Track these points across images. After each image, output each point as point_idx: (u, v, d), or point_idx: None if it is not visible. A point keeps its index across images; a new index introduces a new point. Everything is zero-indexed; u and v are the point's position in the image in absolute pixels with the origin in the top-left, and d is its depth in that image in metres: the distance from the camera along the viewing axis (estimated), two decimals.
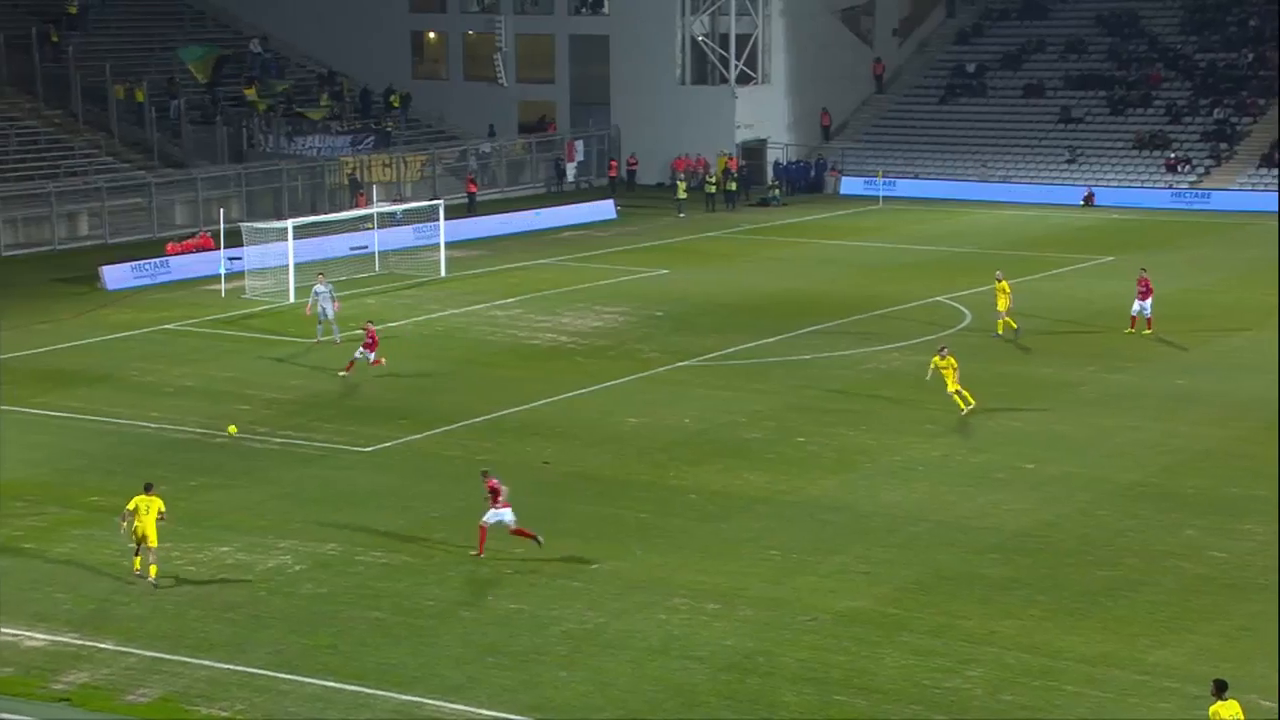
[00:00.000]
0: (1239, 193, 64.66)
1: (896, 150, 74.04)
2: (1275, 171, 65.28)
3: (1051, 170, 70.07)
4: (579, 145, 74.10)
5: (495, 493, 25.13)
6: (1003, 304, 40.22)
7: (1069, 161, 70.01)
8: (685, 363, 38.75)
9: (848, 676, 21.00)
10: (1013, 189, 68.84)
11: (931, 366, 33.48)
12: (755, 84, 73.95)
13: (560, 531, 26.47)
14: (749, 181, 70.72)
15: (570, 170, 73.59)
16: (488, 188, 69.85)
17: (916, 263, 52.78)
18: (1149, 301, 39.89)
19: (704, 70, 74.69)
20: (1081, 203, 66.63)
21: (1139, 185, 67.70)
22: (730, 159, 71.24)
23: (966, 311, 44.04)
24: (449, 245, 52.58)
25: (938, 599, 23.39)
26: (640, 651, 21.81)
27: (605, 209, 65.81)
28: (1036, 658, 21.42)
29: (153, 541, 24.12)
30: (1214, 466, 29.44)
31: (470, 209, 65.05)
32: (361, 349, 36.82)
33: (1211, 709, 17.22)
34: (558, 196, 70.48)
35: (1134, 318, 39.92)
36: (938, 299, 45.73)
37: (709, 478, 29.41)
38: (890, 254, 55.03)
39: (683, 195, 66.22)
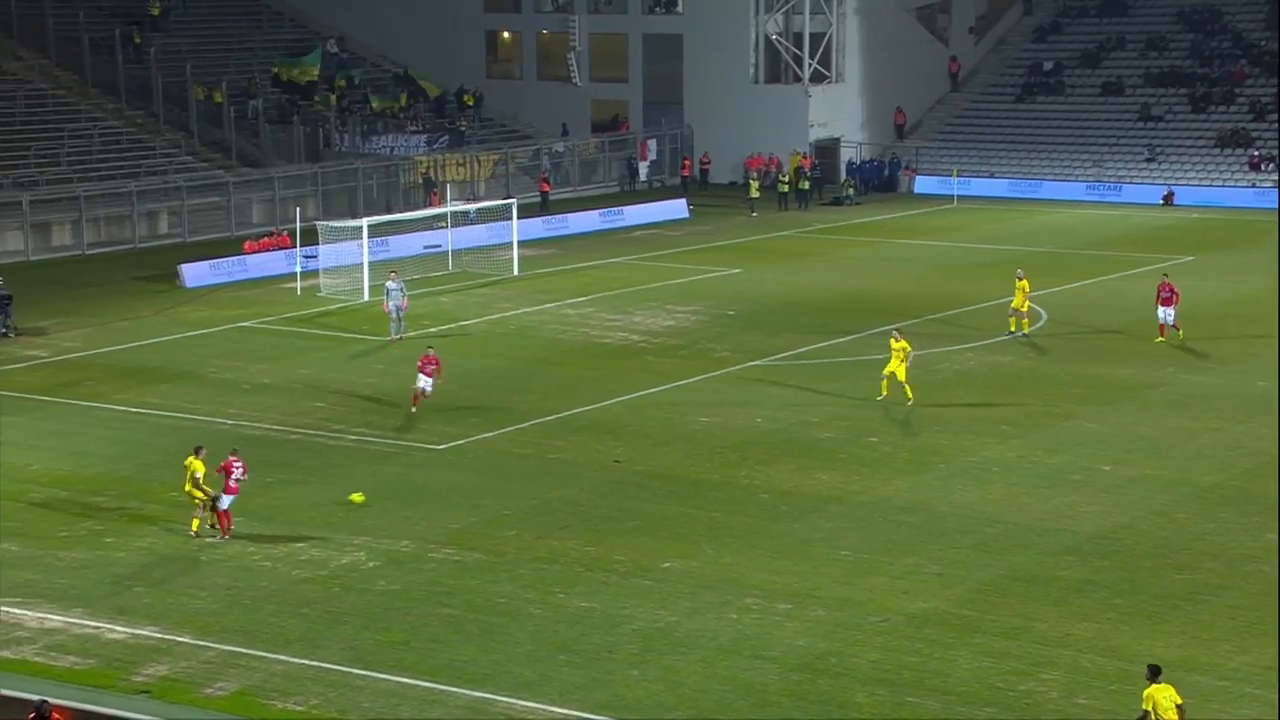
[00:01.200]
0: None
1: (971, 149, 73.44)
2: None
3: (1131, 169, 69.19)
4: (652, 144, 74.18)
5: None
6: (1019, 302, 39.67)
7: (1148, 160, 69.11)
8: (757, 362, 38.68)
9: (920, 678, 20.88)
10: (1091, 188, 68.06)
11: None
12: (829, 82, 73.66)
13: (631, 530, 26.54)
14: (822, 181, 70.43)
15: (643, 169, 73.68)
16: (561, 187, 70.08)
17: (991, 262, 52.31)
18: (1173, 308, 38.69)
19: (777, 69, 74.50)
20: (1161, 202, 65.76)
21: (1220, 184, 66.72)
22: (804, 158, 71.01)
23: (1042, 311, 43.61)
24: (521, 244, 52.84)
25: (1012, 601, 23.20)
26: (711, 651, 21.81)
27: (678, 208, 65.81)
28: (1113, 661, 21.19)
29: (194, 499, 25.83)
30: None
31: (543, 208, 65.31)
32: (422, 379, 33.53)
33: (1145, 692, 17.40)
34: (630, 195, 70.57)
35: (1161, 325, 38.86)
36: (1008, 299, 45.31)
37: (781, 477, 29.35)
38: (965, 253, 54.59)
39: (755, 194, 66.10)
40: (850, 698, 20.36)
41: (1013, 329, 39.86)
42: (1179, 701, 17.40)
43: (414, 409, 33.67)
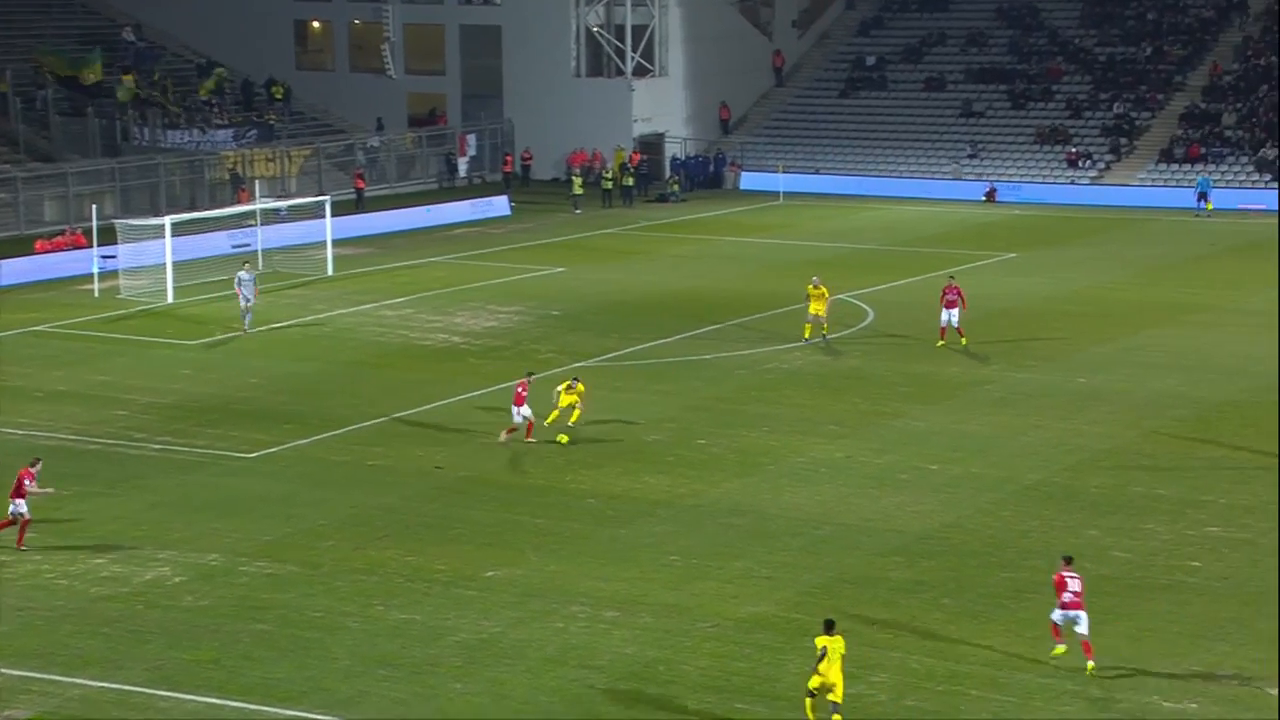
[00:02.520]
0: (1140, 188, 66.06)
1: (797, 144, 74.66)
2: (1168, 167, 66.82)
3: (954, 165, 71.03)
4: (471, 139, 73.78)
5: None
6: (815, 308, 39.64)
7: (971, 156, 71.06)
8: (583, 363, 38.74)
9: (750, 684, 21.14)
10: (915, 184, 69.71)
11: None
12: (652, 76, 74.16)
13: (454, 538, 26.38)
14: (647, 177, 70.89)
15: (462, 165, 73.26)
16: (376, 183, 69.29)
17: (818, 260, 53.21)
18: (956, 311, 38.73)
19: (599, 62, 74.75)
20: (984, 198, 67.67)
21: (1041, 180, 68.95)
22: (633, 154, 71.37)
23: (869, 309, 44.54)
24: (336, 243, 52.12)
25: (841, 603, 23.63)
26: (537, 661, 21.79)
27: (499, 205, 65.62)
28: (941, 662, 21.72)
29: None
30: (1117, 466, 30.07)
31: (358, 205, 64.48)
32: (516, 412, 31.49)
33: (818, 640, 19.77)
34: (450, 192, 70.13)
35: (943, 328, 39.01)
36: (840, 296, 46.20)
37: (608, 481, 29.46)
38: (792, 251, 55.46)
39: (579, 191, 66.20)
40: (680, 705, 20.52)
41: (808, 335, 40.11)
42: (844, 652, 19.89)
43: (504, 439, 31.59)
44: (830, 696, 19.62)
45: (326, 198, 53.99)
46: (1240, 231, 57.90)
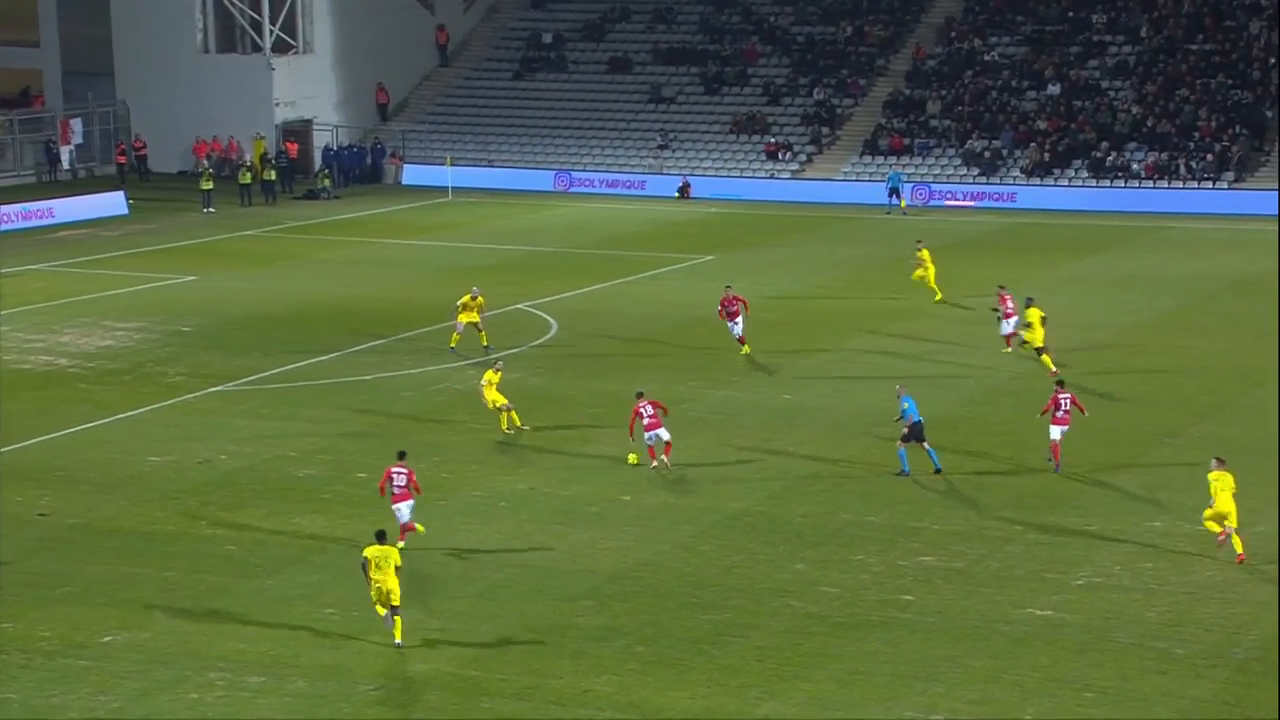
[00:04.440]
0: (844, 183, 68.79)
1: (467, 133, 74.95)
2: (873, 160, 69.86)
3: (643, 157, 72.43)
4: (76, 124, 71.40)
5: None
6: (467, 317, 40.47)
7: (661, 147, 72.62)
8: (220, 387, 37.92)
9: None
10: (600, 178, 70.76)
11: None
12: (296, 53, 73.26)
13: (62, 599, 25.45)
14: (292, 170, 69.97)
15: (66, 155, 70.76)
16: None
17: (494, 264, 53.51)
18: (740, 320, 40.41)
19: (232, 36, 73.46)
20: (677, 194, 69.22)
21: (738, 174, 71.02)
22: (289, 144, 70.26)
23: (552, 320, 44.99)
24: None
25: (524, 656, 23.77)
26: None
27: (114, 202, 63.76)
28: (635, 717, 22.08)
29: None
30: (824, 491, 31.17)
31: None
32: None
33: (367, 550, 23.96)
34: (52, 187, 67.67)
35: (741, 339, 40.53)
36: (519, 306, 46.54)
37: (251, 525, 28.91)
38: (463, 254, 55.58)
39: (208, 186, 64.80)
40: None
41: (452, 345, 40.72)
42: (399, 564, 24.07)
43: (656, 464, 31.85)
44: (392, 600, 23.93)
45: None
46: (946, 230, 60.82)
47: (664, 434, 31.94)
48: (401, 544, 27.05)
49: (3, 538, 28.24)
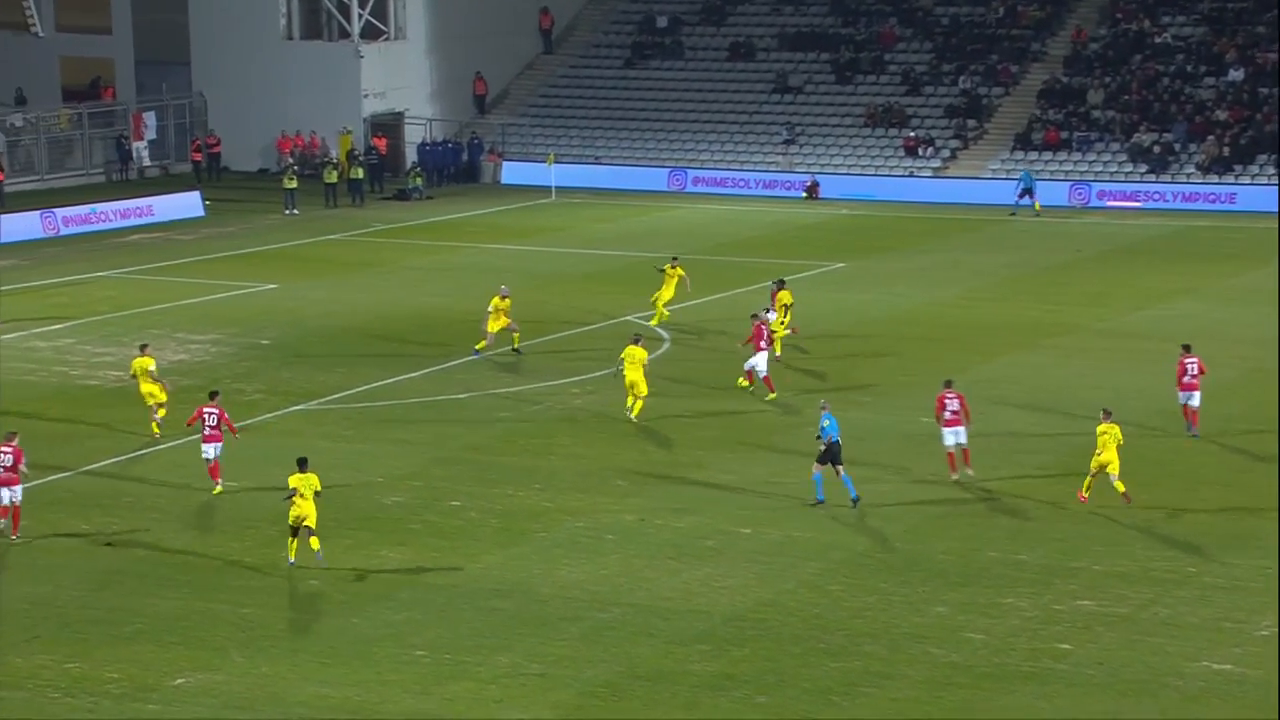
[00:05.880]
0: (991, 182, 68.24)
1: (572, 128, 75.28)
2: (1024, 156, 69.29)
3: (767, 153, 72.36)
4: (150, 118, 72.57)
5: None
6: (496, 324, 42.00)
7: (787, 142, 72.53)
8: (301, 406, 38.34)
9: None
10: (718, 176, 70.75)
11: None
12: (386, 40, 74.05)
13: (130, 637, 25.84)
14: (381, 168, 70.67)
15: (140, 151, 71.97)
16: (21, 175, 67.64)
17: (600, 272, 53.71)
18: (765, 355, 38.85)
19: (317, 21, 74.39)
20: (804, 194, 69.05)
21: (872, 172, 70.72)
22: (376, 139, 71.03)
23: (664, 333, 45.06)
24: None
25: (632, 705, 23.79)
26: None
27: (189, 203, 64.71)
28: None
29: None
30: (968, 525, 30.94)
31: None
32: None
33: (291, 479, 28.29)
34: (123, 187, 68.83)
35: (749, 373, 38.93)
36: (627, 318, 46.65)
37: (334, 557, 29.17)
38: (566, 261, 55.82)
39: (291, 185, 65.61)
40: None
41: (479, 348, 42.08)
42: (319, 489, 28.32)
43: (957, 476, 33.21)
44: (307, 523, 27.99)
45: None
46: (1110, 235, 60.20)
47: (962, 435, 32.54)
48: (218, 487, 31.66)
49: (67, 569, 28.72)
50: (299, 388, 39.88)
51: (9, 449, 30.22)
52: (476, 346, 42.16)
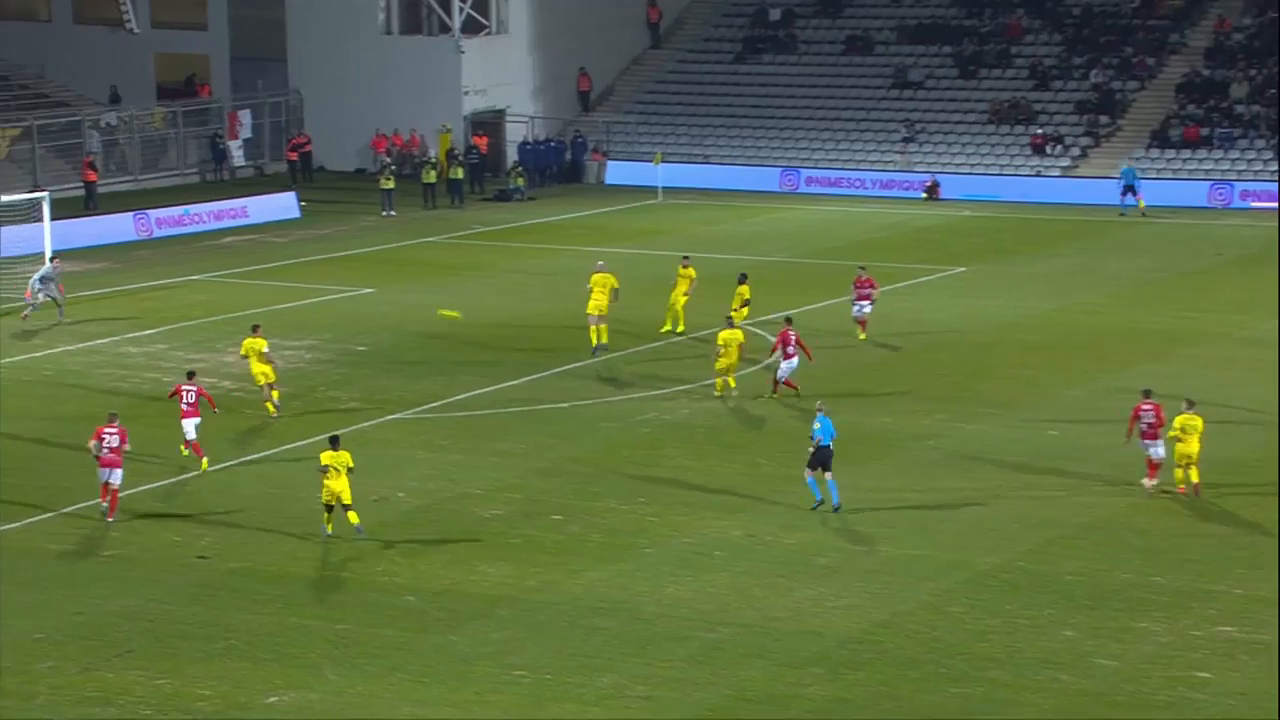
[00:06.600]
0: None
1: (680, 125, 75.40)
2: (1161, 155, 68.58)
3: (884, 152, 72.13)
4: (245, 116, 73.40)
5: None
6: (597, 303, 43.43)
7: (906, 140, 72.26)
8: (398, 415, 38.59)
9: None
10: (833, 176, 70.60)
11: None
12: (488, 34, 74.47)
13: (222, 653, 26.10)
14: (482, 167, 71.06)
15: (235, 151, 72.80)
16: (114, 175, 68.57)
17: (708, 275, 53.65)
18: (869, 305, 44.67)
19: (417, 14, 74.90)
20: (924, 194, 68.79)
21: (997, 171, 70.30)
22: (477, 137, 71.42)
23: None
24: (59, 255, 51.43)
25: None
26: None
27: (284, 204, 65.33)
28: None
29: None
30: (1100, 544, 30.65)
31: (89, 204, 63.72)
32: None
33: (323, 456, 30.39)
34: (215, 187, 69.61)
35: (861, 320, 44.60)
36: (740, 331, 46.54)
37: (432, 573, 29.35)
38: (673, 265, 55.81)
39: (389, 185, 66.11)
40: None
41: (673, 327, 44.46)
42: (351, 466, 30.53)
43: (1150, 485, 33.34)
44: (343, 500, 30.16)
45: (44, 194, 53.30)
46: (1254, 238, 59.46)
47: (1160, 450, 32.74)
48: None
49: (159, 581, 29.05)
50: (395, 396, 40.16)
51: (114, 429, 31.76)
52: (666, 329, 44.79)
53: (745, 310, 43.99)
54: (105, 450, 31.59)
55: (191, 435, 34.56)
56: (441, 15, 73.91)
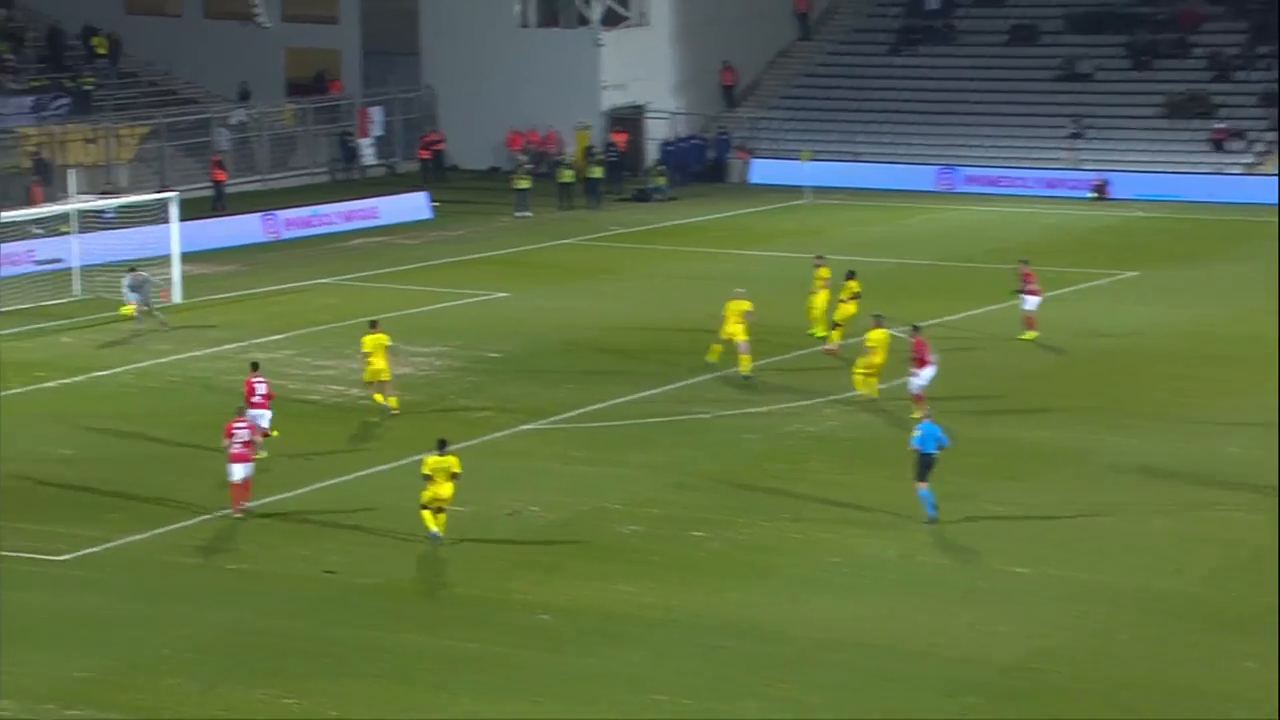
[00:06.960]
0: None
1: (829, 121, 75.16)
2: None
3: (1049, 149, 71.52)
4: (377, 113, 74.05)
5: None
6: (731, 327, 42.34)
7: (1073, 136, 71.61)
8: (531, 425, 38.72)
9: None
10: (994, 175, 70.13)
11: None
12: (628, 26, 74.63)
13: (351, 673, 26.26)
14: (621, 166, 71.21)
15: (365, 149, 73.47)
16: (243, 175, 69.43)
17: (860, 280, 53.38)
18: (1037, 300, 45.37)
19: (554, 7, 75.23)
20: (1091, 194, 68.16)
21: (1172, 169, 69.44)
22: (615, 135, 71.61)
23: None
24: (186, 257, 52.13)
25: None
26: None
27: (416, 205, 65.82)
28: None
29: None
30: None
31: (217, 205, 64.54)
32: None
33: (427, 461, 30.75)
34: (345, 187, 70.29)
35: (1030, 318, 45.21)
36: (889, 333, 46.28)
37: (567, 590, 29.40)
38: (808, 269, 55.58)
39: (524, 185, 66.42)
40: None
41: (712, 358, 42.83)
42: (457, 470, 30.79)
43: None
44: (443, 505, 30.64)
45: (172, 195, 54.02)
46: None
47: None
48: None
49: (282, 596, 29.28)
50: (529, 405, 40.27)
51: (244, 424, 32.82)
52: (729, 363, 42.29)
53: (854, 305, 44.23)
54: (237, 445, 32.32)
55: (264, 425, 35.29)
56: (580, 7, 74.18)
